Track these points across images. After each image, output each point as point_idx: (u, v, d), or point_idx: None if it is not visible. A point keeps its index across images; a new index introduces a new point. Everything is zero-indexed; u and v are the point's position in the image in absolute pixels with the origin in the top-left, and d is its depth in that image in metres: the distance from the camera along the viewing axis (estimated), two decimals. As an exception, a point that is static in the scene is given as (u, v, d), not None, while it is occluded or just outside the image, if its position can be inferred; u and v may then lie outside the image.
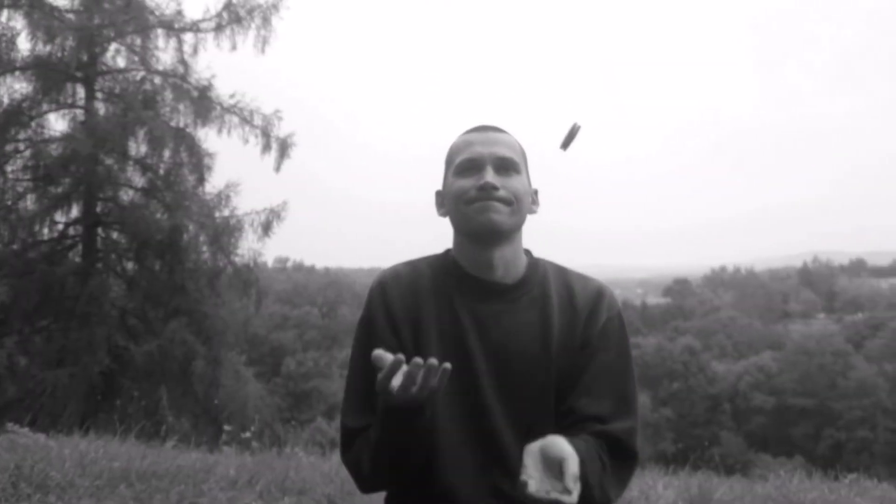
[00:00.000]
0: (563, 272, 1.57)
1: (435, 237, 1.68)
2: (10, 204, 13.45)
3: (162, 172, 14.06)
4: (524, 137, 1.57)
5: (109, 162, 13.75)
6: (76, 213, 14.01)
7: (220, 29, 14.19)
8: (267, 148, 14.32)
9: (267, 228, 14.24)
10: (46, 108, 13.90)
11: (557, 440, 1.21)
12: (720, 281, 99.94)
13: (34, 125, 13.88)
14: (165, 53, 14.13)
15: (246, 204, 14.33)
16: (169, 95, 14.08)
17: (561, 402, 1.47)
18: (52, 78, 13.47)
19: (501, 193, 1.46)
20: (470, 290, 1.51)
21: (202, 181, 14.19)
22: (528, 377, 1.46)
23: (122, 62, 14.25)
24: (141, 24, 13.65)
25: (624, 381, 1.49)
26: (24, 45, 13.34)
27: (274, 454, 5.73)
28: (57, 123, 14.04)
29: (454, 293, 1.51)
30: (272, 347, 45.95)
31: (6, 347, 12.67)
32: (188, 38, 14.20)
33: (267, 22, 14.34)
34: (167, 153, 13.94)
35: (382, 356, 1.28)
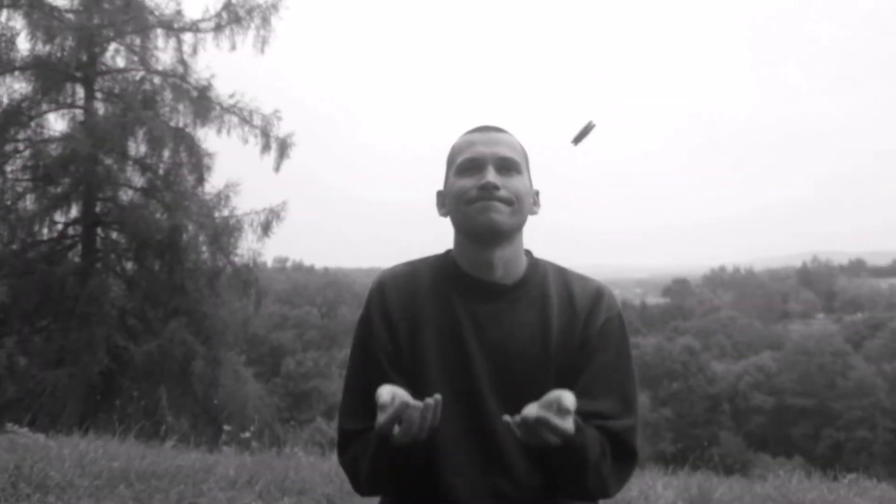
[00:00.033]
0: (562, 273, 1.57)
1: (435, 237, 1.68)
2: (9, 204, 13.45)
3: (161, 172, 14.07)
4: (525, 138, 1.57)
5: (109, 162, 13.76)
6: (75, 213, 14.01)
7: (219, 29, 14.20)
8: (266, 148, 14.33)
9: (266, 228, 14.25)
10: (46, 108, 13.91)
11: (555, 391, 1.24)
12: (719, 281, 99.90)
13: (34, 125, 13.88)
14: (165, 53, 14.16)
15: (245, 204, 14.36)
16: (168, 95, 14.09)
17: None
18: (51, 78, 13.48)
19: (502, 193, 1.46)
20: (469, 290, 1.51)
21: (202, 181, 14.20)
22: (527, 377, 1.46)
23: (121, 62, 14.28)
24: (140, 24, 13.66)
25: (624, 380, 1.50)
26: (23, 44, 13.38)
27: (273, 454, 5.71)
28: (56, 123, 14.08)
29: (453, 293, 1.51)
30: (272, 347, 45.92)
31: (6, 347, 12.68)
32: (188, 38, 14.23)
33: (266, 22, 14.36)
34: (167, 153, 13.95)
35: (381, 395, 1.27)
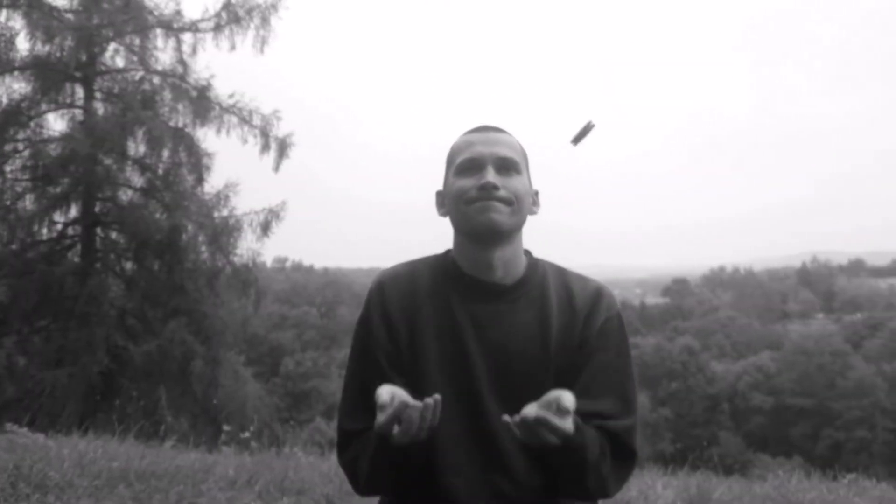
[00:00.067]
0: (562, 273, 1.57)
1: (435, 237, 1.68)
2: (8, 204, 13.44)
3: (161, 172, 14.07)
4: (525, 138, 1.57)
5: (108, 162, 13.76)
6: (75, 213, 14.01)
7: (218, 29, 14.20)
8: (266, 148, 14.34)
9: (266, 228, 14.25)
10: (45, 108, 13.91)
11: (554, 391, 1.25)
12: (719, 281, 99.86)
13: (33, 125, 13.88)
14: (164, 53, 14.17)
15: (245, 204, 14.37)
16: (168, 95, 14.09)
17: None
18: (50, 78, 13.48)
19: (502, 193, 1.46)
20: (468, 290, 1.51)
21: (201, 181, 14.20)
22: (526, 377, 1.45)
23: (120, 62, 14.28)
24: (140, 24, 13.66)
25: (623, 380, 1.50)
26: (22, 44, 13.38)
27: (273, 454, 5.72)
28: (56, 123, 14.08)
29: (452, 294, 1.51)
30: (271, 347, 45.91)
31: (5, 347, 12.69)
32: (187, 38, 14.23)
33: (266, 22, 14.36)
34: (166, 153, 13.95)
35: (381, 395, 1.27)
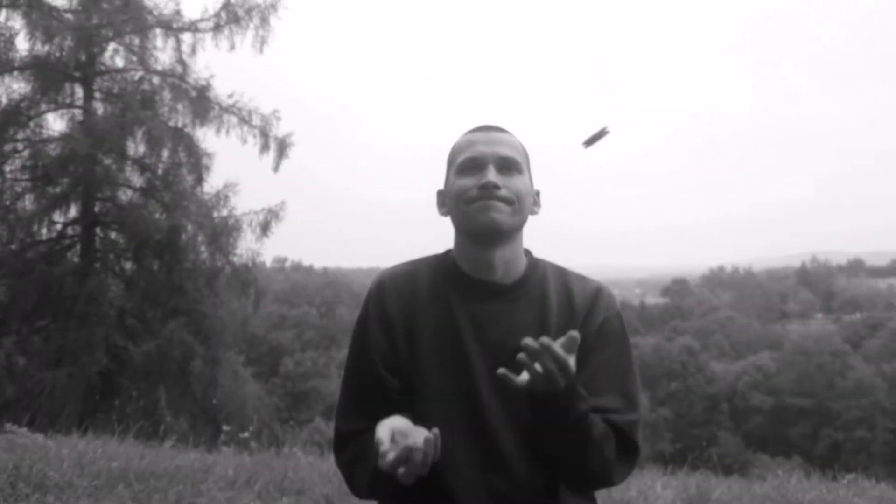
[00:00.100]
0: (562, 273, 1.57)
1: (435, 237, 1.67)
2: (8, 204, 13.45)
3: (160, 172, 14.08)
4: (526, 138, 1.57)
5: (108, 162, 13.76)
6: (74, 213, 14.02)
7: (218, 29, 14.21)
8: (265, 148, 14.35)
9: (265, 228, 14.26)
10: (45, 107, 13.92)
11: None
12: (718, 281, 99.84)
13: (32, 125, 13.89)
14: (164, 53, 14.18)
15: (244, 204, 14.38)
16: (167, 95, 14.10)
17: None
18: (50, 78, 13.48)
19: (503, 193, 1.45)
20: (468, 290, 1.50)
21: (200, 181, 14.21)
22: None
23: (120, 62, 14.30)
24: (139, 23, 13.66)
25: (625, 378, 1.49)
26: (22, 44, 13.39)
27: (272, 454, 5.73)
28: (55, 123, 14.09)
29: (452, 293, 1.50)
30: (270, 347, 45.90)
31: (5, 347, 12.70)
32: (186, 37, 14.24)
33: (265, 22, 14.38)
34: (165, 153, 13.95)
35: (381, 439, 1.26)
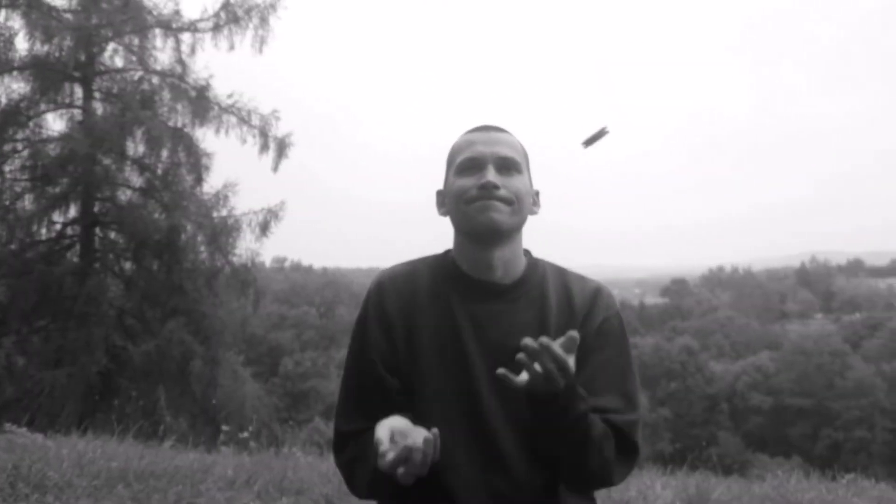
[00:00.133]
0: (561, 273, 1.57)
1: (435, 237, 1.68)
2: (7, 204, 13.44)
3: (160, 172, 14.07)
4: (525, 138, 1.57)
5: (107, 162, 13.75)
6: (74, 213, 14.01)
7: (217, 29, 14.20)
8: (265, 148, 14.34)
9: (265, 228, 14.26)
10: (44, 107, 13.91)
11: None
12: (718, 281, 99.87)
13: (32, 125, 13.88)
14: (163, 53, 14.17)
15: (244, 204, 14.38)
16: (167, 95, 14.09)
17: None
18: (49, 78, 13.47)
19: (502, 193, 1.46)
20: (468, 290, 1.50)
21: (200, 181, 14.21)
22: (526, 377, 1.45)
23: (119, 62, 14.29)
24: (139, 23, 13.65)
25: (624, 378, 1.49)
26: (21, 44, 13.38)
27: (272, 454, 5.73)
28: (55, 123, 14.08)
29: (452, 293, 1.50)
30: (270, 347, 45.94)
31: (4, 347, 12.69)
32: (186, 37, 14.23)
33: (265, 22, 14.38)
34: (165, 153, 13.95)
35: (380, 439, 1.27)
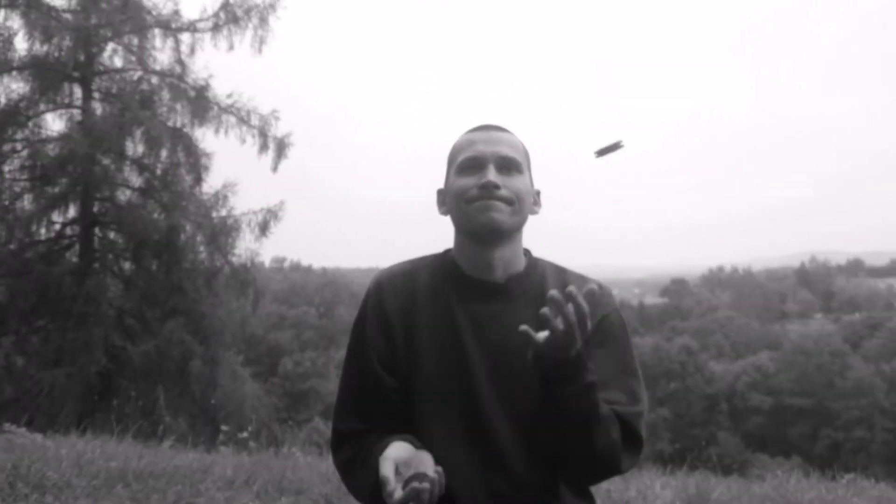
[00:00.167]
0: (561, 272, 1.57)
1: (435, 237, 1.67)
2: (7, 204, 13.43)
3: (159, 172, 14.07)
4: (526, 137, 1.57)
5: (106, 162, 13.74)
6: (73, 213, 14.00)
7: (217, 29, 14.19)
8: (264, 148, 14.33)
9: (264, 228, 14.25)
10: (43, 108, 13.89)
11: None
12: (717, 281, 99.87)
13: (31, 125, 13.87)
14: (162, 53, 14.16)
15: (243, 204, 14.38)
16: (166, 95, 14.08)
17: None
18: (49, 78, 13.46)
19: (503, 193, 1.46)
20: (468, 290, 1.50)
21: (199, 181, 14.20)
22: (526, 376, 1.44)
23: (119, 62, 14.26)
24: (138, 23, 13.65)
25: (626, 374, 1.49)
26: (21, 44, 13.36)
27: (271, 454, 5.71)
28: (54, 123, 14.06)
29: (451, 293, 1.50)
30: (269, 347, 45.92)
31: (3, 347, 12.68)
32: (185, 37, 14.22)
33: (264, 22, 14.37)
34: (164, 153, 13.94)
35: (385, 474, 1.25)
